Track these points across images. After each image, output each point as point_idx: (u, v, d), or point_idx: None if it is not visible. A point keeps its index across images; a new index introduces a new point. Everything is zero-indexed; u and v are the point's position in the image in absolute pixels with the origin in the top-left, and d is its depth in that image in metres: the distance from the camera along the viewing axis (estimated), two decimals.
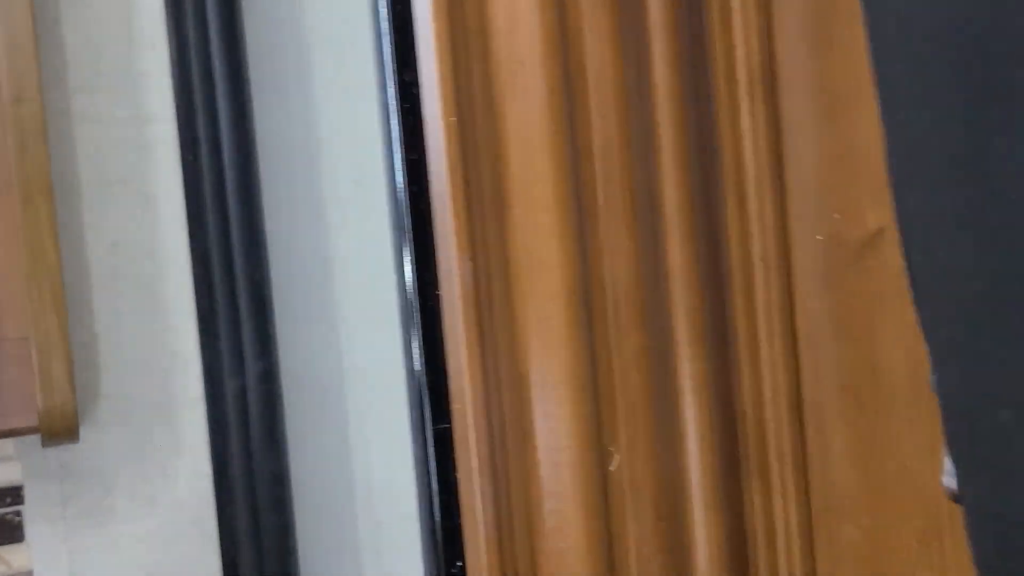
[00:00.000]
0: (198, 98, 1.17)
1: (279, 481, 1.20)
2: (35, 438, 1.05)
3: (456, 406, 0.50)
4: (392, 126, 0.55)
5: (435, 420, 0.54)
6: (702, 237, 0.56)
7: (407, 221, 0.55)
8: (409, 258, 0.53)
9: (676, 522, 0.54)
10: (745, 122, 0.57)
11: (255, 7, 1.13)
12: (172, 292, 1.16)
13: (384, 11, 0.56)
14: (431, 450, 0.53)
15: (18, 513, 1.09)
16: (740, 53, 0.56)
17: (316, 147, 1.09)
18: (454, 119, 0.53)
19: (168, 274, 1.15)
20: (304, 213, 1.09)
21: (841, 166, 0.55)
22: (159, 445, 1.15)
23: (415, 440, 0.54)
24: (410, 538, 0.59)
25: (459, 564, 0.53)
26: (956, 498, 0.35)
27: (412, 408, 0.54)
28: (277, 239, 1.14)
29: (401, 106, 0.55)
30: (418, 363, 0.53)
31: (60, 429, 0.95)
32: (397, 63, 0.55)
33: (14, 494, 1.09)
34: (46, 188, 0.95)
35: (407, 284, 0.54)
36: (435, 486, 0.53)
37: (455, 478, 0.51)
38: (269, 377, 1.18)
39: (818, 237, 0.55)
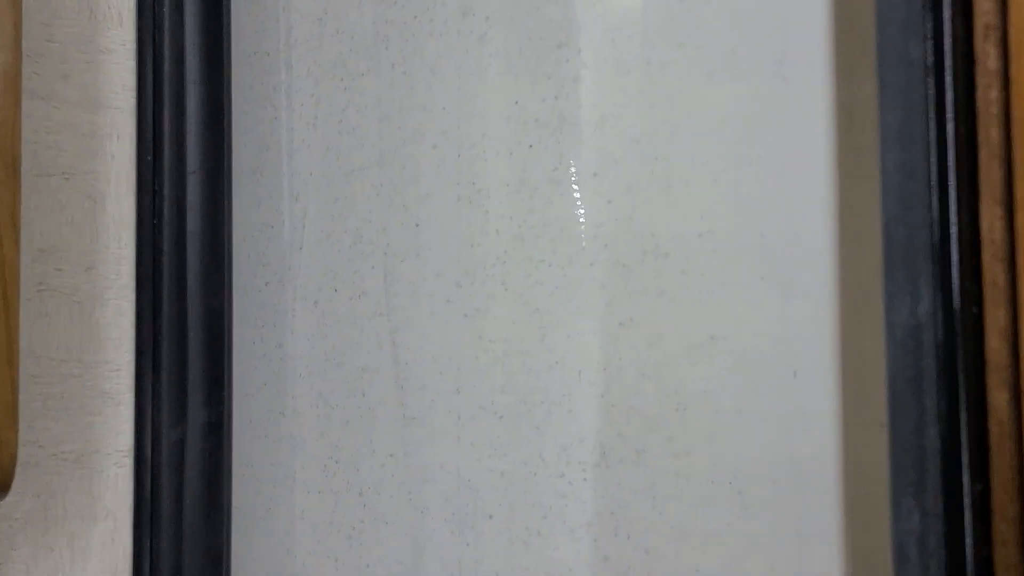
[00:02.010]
0: (166, 89, 0.98)
1: (215, 561, 0.98)
2: None
3: None
4: None
5: (973, 478, 0.40)
6: None
7: None
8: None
9: None
10: None
11: None
12: (109, 317, 0.93)
13: None
14: (968, 516, 0.39)
15: None
16: None
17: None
18: None
19: (107, 295, 0.93)
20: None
21: None
22: (71, 507, 0.91)
23: (917, 505, 0.40)
24: None
25: None
26: None
27: (905, 463, 0.40)
28: (245, 265, 0.96)
29: None
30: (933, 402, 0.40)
31: None
32: None
33: None
34: (13, 162, 0.73)
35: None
36: (970, 561, 0.40)
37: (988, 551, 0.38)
38: (216, 429, 0.98)
39: None
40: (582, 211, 0.70)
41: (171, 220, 0.95)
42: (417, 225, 0.80)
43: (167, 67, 0.96)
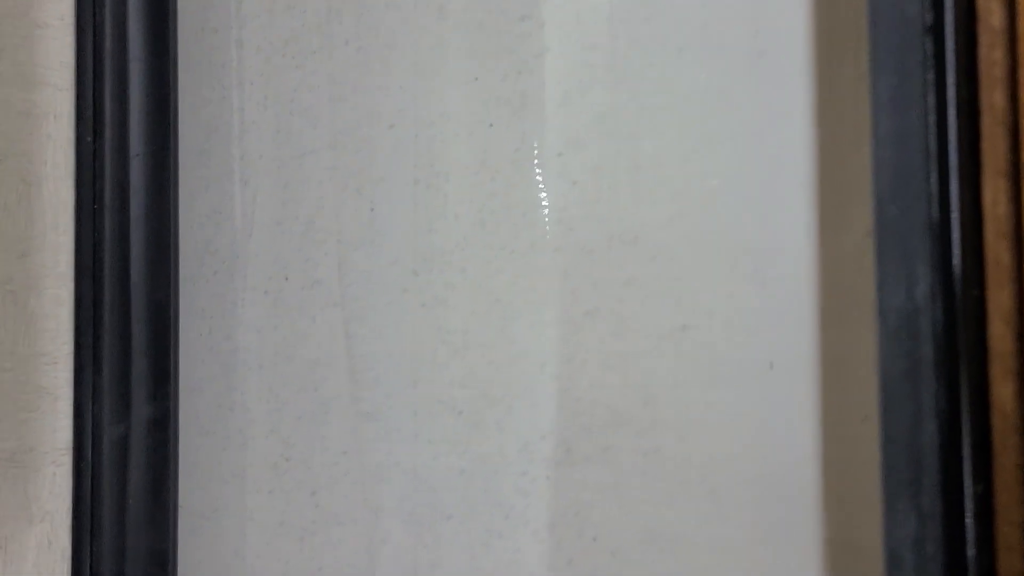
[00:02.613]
0: (107, 66, 0.92)
1: (160, 564, 0.93)
2: None
3: None
4: None
5: (975, 479, 0.36)
6: None
7: None
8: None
9: None
10: None
11: None
12: (46, 308, 0.87)
13: None
14: (969, 519, 0.35)
15: None
16: None
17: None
18: None
19: (43, 284, 0.88)
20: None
21: None
22: (4, 509, 0.85)
23: (898, 505, 0.36)
24: None
25: None
26: None
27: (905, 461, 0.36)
28: (192, 252, 0.90)
29: None
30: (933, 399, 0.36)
31: None
32: None
33: None
34: None
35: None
36: (972, 568, 0.35)
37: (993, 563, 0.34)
38: (161, 426, 0.92)
39: None
40: (545, 194, 0.66)
41: (113, 205, 0.90)
42: (372, 210, 0.76)
43: (108, 43, 0.90)
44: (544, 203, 0.67)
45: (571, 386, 0.64)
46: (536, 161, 0.67)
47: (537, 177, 0.67)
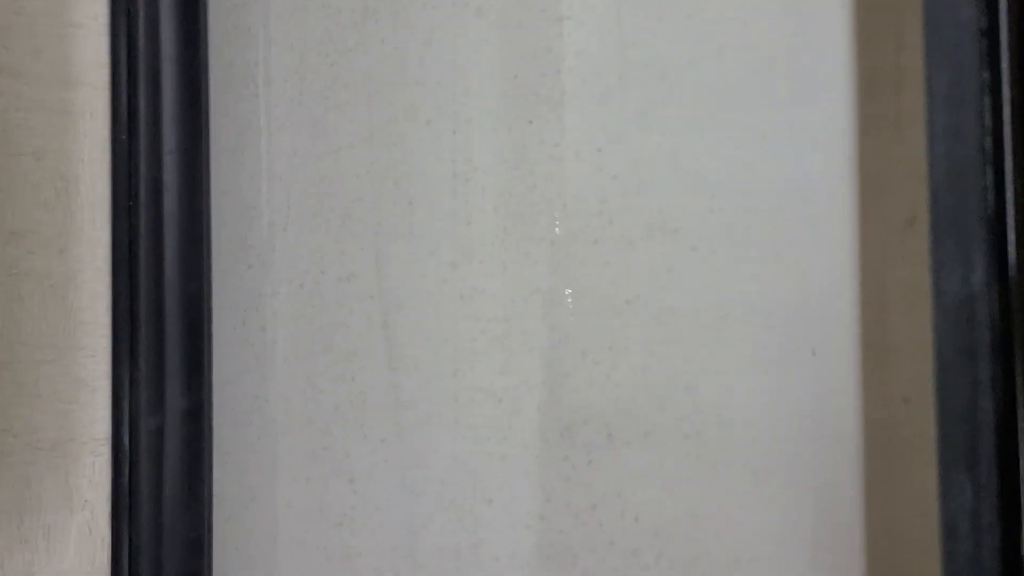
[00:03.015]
0: (141, 65, 0.94)
1: (196, 551, 0.95)
2: None
3: None
4: None
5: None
6: None
7: None
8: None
9: None
10: None
11: None
12: (84, 301, 0.89)
13: None
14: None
15: None
16: None
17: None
18: None
19: (81, 278, 0.89)
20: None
21: None
22: (46, 497, 0.87)
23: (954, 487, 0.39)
24: None
25: None
26: None
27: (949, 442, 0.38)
28: (226, 247, 0.92)
29: None
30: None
31: None
32: None
33: None
34: None
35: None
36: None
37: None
38: (196, 417, 0.94)
39: None
40: (585, 188, 0.68)
41: (147, 201, 0.91)
42: (410, 203, 0.78)
43: (142, 42, 0.92)
44: (583, 196, 0.69)
45: (612, 372, 0.66)
46: (575, 156, 0.69)
47: (576, 171, 0.69)
